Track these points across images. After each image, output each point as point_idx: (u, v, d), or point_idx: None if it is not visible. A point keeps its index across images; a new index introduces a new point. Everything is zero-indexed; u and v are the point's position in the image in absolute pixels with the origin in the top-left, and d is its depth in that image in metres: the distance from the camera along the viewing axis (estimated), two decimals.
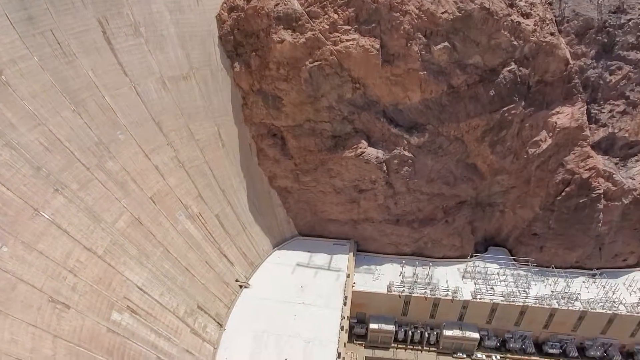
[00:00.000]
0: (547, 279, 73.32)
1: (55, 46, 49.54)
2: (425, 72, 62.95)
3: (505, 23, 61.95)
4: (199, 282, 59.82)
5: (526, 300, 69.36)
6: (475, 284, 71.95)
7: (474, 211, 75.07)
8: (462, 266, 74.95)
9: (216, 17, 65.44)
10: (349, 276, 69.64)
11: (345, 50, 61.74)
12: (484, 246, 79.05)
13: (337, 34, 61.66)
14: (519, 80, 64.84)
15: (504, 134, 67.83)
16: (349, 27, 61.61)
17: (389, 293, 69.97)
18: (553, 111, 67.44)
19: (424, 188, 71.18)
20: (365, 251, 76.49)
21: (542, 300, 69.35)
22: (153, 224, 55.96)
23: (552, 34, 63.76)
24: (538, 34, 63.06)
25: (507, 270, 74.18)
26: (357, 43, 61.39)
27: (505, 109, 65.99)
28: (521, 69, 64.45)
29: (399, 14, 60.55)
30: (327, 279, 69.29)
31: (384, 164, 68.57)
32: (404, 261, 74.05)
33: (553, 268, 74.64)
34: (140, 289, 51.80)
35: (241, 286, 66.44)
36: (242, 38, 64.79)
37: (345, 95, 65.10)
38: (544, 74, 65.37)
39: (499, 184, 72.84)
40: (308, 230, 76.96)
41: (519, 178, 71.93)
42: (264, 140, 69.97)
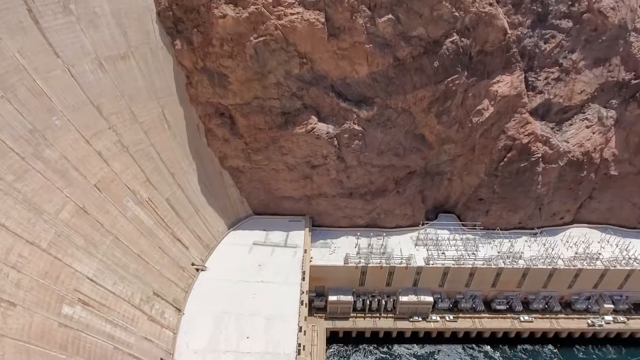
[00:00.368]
0: (493, 240, 77.41)
1: None
2: (371, 45, 63.16)
3: None
4: (154, 268, 58.48)
5: (475, 262, 73.06)
6: (427, 250, 74.83)
7: (423, 180, 77.39)
8: (414, 234, 77.57)
9: None
10: (306, 251, 70.40)
11: (290, 25, 60.69)
12: (434, 213, 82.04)
13: (281, 7, 60.36)
14: (461, 50, 66.45)
15: (449, 104, 69.75)
16: (293, 1, 60.40)
17: (345, 265, 71.51)
18: (494, 80, 69.90)
19: (375, 160, 72.40)
20: (321, 226, 77.40)
21: (490, 261, 73.30)
22: (100, 212, 53.74)
23: (490, 4, 65.42)
24: (477, 4, 64.53)
25: (456, 235, 77.58)
26: (302, 17, 60.46)
27: (449, 79, 67.67)
28: (463, 39, 65.99)
29: None
30: (285, 256, 69.74)
31: (335, 139, 68.94)
32: (358, 233, 75.67)
33: (498, 230, 78.83)
34: (91, 280, 50.00)
35: (198, 269, 65.64)
36: (182, 14, 62.06)
37: (293, 71, 64.35)
38: (484, 44, 67.32)
39: (446, 153, 75.26)
40: (263, 208, 76.67)
41: (464, 146, 74.60)
42: (212, 120, 68.25)
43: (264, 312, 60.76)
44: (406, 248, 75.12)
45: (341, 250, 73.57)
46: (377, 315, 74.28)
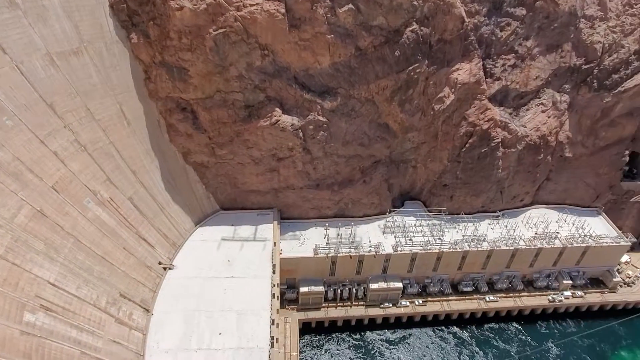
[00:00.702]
0: (458, 225, 79.52)
1: None
2: (332, 36, 63.11)
3: None
4: (119, 269, 56.93)
5: (441, 247, 74.91)
6: (395, 237, 76.11)
7: (389, 169, 78.43)
8: (382, 222, 78.70)
9: None
10: (275, 244, 70.22)
11: (250, 16, 59.80)
12: (400, 201, 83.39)
13: None
14: (421, 39, 67.33)
15: (411, 92, 70.71)
16: None
17: (315, 256, 71.86)
18: (453, 68, 71.30)
19: (341, 151, 72.76)
20: (289, 218, 77.34)
21: (455, 245, 75.34)
22: (59, 214, 51.71)
23: None
24: None
25: (422, 221, 79.18)
26: (262, 8, 59.66)
27: (410, 68, 68.53)
28: (422, 28, 66.86)
29: None
30: (254, 250, 69.33)
31: (300, 131, 68.77)
32: (327, 224, 76.09)
33: (462, 214, 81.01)
34: (53, 285, 48.18)
35: (165, 268, 64.39)
36: (137, 6, 59.96)
37: (255, 63, 63.55)
38: (443, 33, 68.45)
39: (410, 141, 76.44)
40: (230, 203, 75.80)
41: (427, 134, 75.95)
42: (173, 115, 66.66)
43: (235, 307, 60.35)
44: (374, 236, 76.14)
45: (310, 242, 73.83)
46: (349, 303, 75.20)
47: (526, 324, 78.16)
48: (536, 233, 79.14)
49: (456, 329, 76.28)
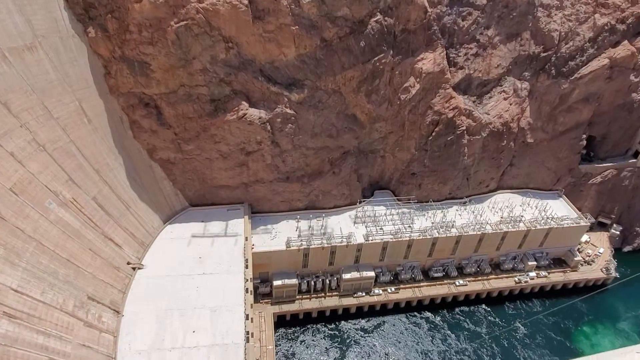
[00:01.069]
0: (427, 212, 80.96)
1: None
2: (297, 27, 62.69)
3: None
4: (85, 271, 55.24)
5: (411, 235, 76.17)
6: (366, 227, 76.87)
7: (357, 159, 78.94)
8: (352, 212, 79.29)
9: None
10: (247, 239, 69.70)
11: (212, 8, 58.66)
12: (370, 191, 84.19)
13: None
14: (385, 30, 67.77)
15: (377, 83, 71.20)
16: None
17: (288, 249, 71.80)
18: (418, 58, 72.20)
19: (309, 143, 72.68)
20: (260, 212, 76.87)
21: (425, 232, 76.76)
22: (19, 217, 49.57)
23: None
24: None
25: (392, 210, 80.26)
26: None
27: (376, 58, 68.94)
28: (386, 18, 67.29)
29: None
30: (226, 246, 68.63)
31: (268, 124, 68.24)
32: (298, 216, 76.06)
33: (431, 202, 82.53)
34: (15, 291, 46.27)
35: (134, 268, 62.94)
36: None
37: (219, 56, 62.50)
38: (407, 23, 69.10)
39: (377, 131, 77.09)
40: (199, 199, 74.62)
41: (394, 123, 76.78)
42: (136, 111, 64.87)
43: (208, 304, 59.70)
44: (346, 227, 76.68)
45: (282, 235, 73.70)
46: (322, 294, 75.61)
47: (494, 305, 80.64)
48: (502, 217, 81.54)
49: (428, 314, 77.97)
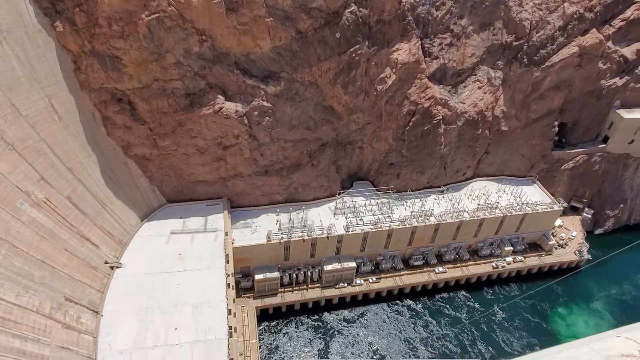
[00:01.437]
0: (405, 202, 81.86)
1: None
2: (272, 19, 62.08)
3: None
4: (62, 272, 53.95)
5: (391, 224, 76.92)
6: (346, 218, 77.25)
7: (336, 151, 79.05)
8: (332, 204, 79.54)
9: None
10: (227, 234, 69.18)
11: (185, 0, 57.50)
12: (349, 182, 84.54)
13: None
14: (360, 21, 67.72)
15: (353, 74, 71.23)
16: None
17: (268, 242, 71.62)
18: (393, 48, 72.46)
19: (287, 135, 72.37)
20: (240, 206, 76.38)
21: (404, 222, 77.61)
22: None
23: None
24: None
25: (372, 200, 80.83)
26: None
27: (352, 49, 68.91)
28: (361, 9, 67.22)
29: None
30: (206, 242, 67.99)
31: (245, 117, 67.62)
32: (278, 209, 75.90)
33: (409, 191, 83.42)
34: None
35: (112, 267, 61.82)
36: None
37: (193, 49, 61.45)
38: (382, 13, 69.18)
39: (355, 122, 77.26)
40: (176, 195, 73.57)
41: (372, 114, 77.06)
42: (109, 107, 63.35)
43: (190, 300, 59.15)
44: (326, 218, 76.89)
45: (263, 229, 73.45)
46: (304, 287, 75.81)
47: (473, 291, 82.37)
48: (479, 204, 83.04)
49: (410, 301, 79.07)
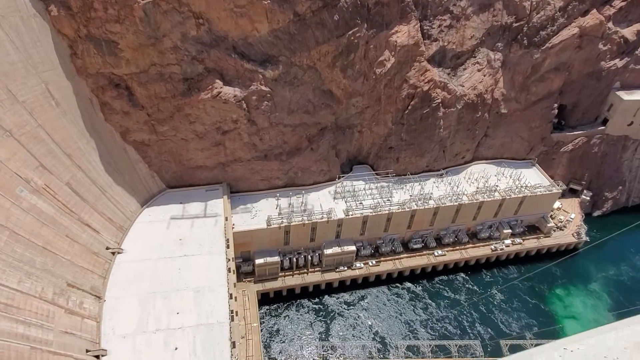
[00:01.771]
0: (405, 185, 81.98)
1: None
2: (269, 1, 61.28)
3: None
4: (63, 258, 54.18)
5: (391, 208, 77.11)
6: (346, 202, 77.41)
7: (335, 135, 78.83)
8: (332, 188, 79.63)
9: None
10: (227, 219, 69.36)
11: None
12: (348, 166, 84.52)
13: None
14: (359, 3, 66.87)
15: (352, 57, 70.62)
16: None
17: (269, 227, 71.86)
18: (392, 31, 71.72)
19: (286, 120, 72.06)
20: (239, 191, 76.44)
21: (404, 205, 77.81)
22: None
23: None
24: None
25: (371, 184, 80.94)
26: None
27: (350, 32, 68.20)
28: None
29: None
30: (206, 227, 68.18)
31: (243, 102, 67.22)
32: (278, 194, 75.99)
33: (409, 175, 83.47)
34: None
35: (114, 253, 62.08)
36: None
37: (190, 33, 60.77)
38: None
39: (354, 106, 76.89)
40: (176, 181, 73.56)
41: (371, 98, 76.66)
42: (107, 92, 62.87)
43: (191, 285, 59.57)
44: (326, 203, 77.04)
45: (263, 213, 73.63)
46: (305, 271, 76.34)
47: (472, 273, 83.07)
48: (477, 188, 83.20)
49: (409, 284, 79.76)
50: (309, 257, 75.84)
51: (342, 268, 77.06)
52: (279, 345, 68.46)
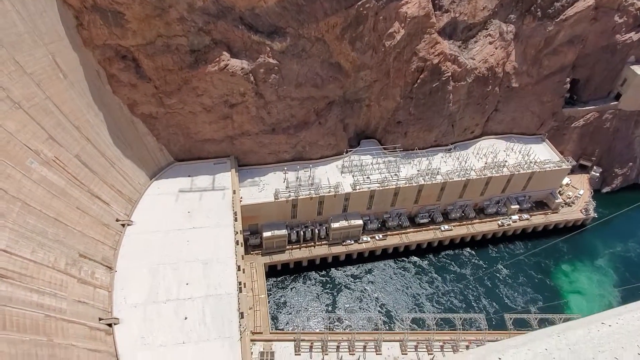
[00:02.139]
0: (412, 160, 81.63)
1: None
2: None
3: None
4: (74, 230, 55.05)
5: (398, 183, 77.05)
6: (353, 176, 77.41)
7: (343, 109, 78.19)
8: (339, 162, 79.53)
9: None
10: (235, 192, 69.77)
11: None
12: (356, 140, 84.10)
13: None
14: None
15: (361, 29, 69.33)
16: None
17: (276, 200, 72.26)
18: (402, 1, 70.04)
19: (294, 93, 71.47)
20: (247, 165, 76.59)
21: (411, 180, 77.67)
22: (0, 177, 48.61)
23: None
24: None
25: (379, 159, 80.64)
26: None
27: (359, 3, 66.76)
28: None
29: None
30: (214, 200, 68.72)
31: (251, 74, 66.62)
32: (285, 168, 76.07)
33: (417, 150, 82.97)
34: (4, 251, 46.08)
35: (123, 225, 62.92)
36: None
37: (196, 4, 59.82)
38: None
39: (362, 80, 75.94)
40: (184, 154, 73.76)
41: (379, 71, 75.58)
42: (114, 64, 62.53)
43: (200, 257, 60.48)
44: (333, 177, 77.10)
45: (270, 187, 73.94)
46: (312, 244, 77.05)
47: (478, 248, 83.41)
48: (486, 163, 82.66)
49: (415, 258, 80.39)
50: (316, 231, 76.43)
51: (349, 242, 77.67)
52: (286, 317, 69.80)
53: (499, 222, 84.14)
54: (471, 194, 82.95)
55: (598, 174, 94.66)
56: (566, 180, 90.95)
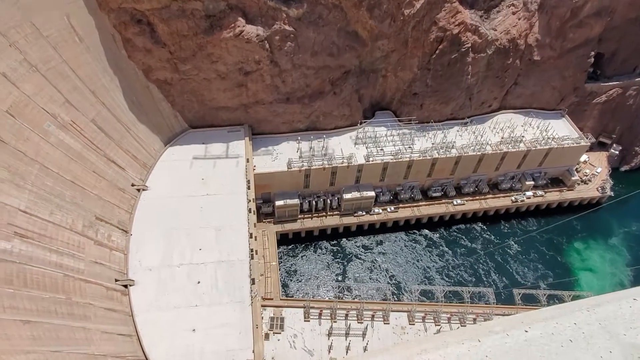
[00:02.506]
0: (427, 133, 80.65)
1: None
2: None
3: None
4: (91, 193, 56.14)
5: (412, 155, 76.48)
6: (366, 148, 76.98)
7: (359, 79, 77.03)
8: (353, 133, 78.96)
9: None
10: (248, 160, 70.08)
11: None
12: (371, 112, 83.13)
13: None
14: None
15: None
16: None
17: (289, 170, 72.47)
18: None
19: (310, 62, 70.47)
20: (261, 134, 76.49)
21: (425, 153, 77.00)
22: (19, 140, 49.39)
23: None
24: None
25: (393, 131, 79.81)
26: None
27: None
28: None
29: None
30: (227, 167, 69.19)
31: (266, 42, 65.70)
32: (299, 137, 75.87)
33: (432, 122, 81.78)
34: (24, 212, 47.33)
35: (139, 189, 63.90)
36: None
37: None
38: None
39: (379, 49, 74.40)
40: (198, 121, 73.88)
41: (397, 41, 73.88)
42: (129, 28, 62.10)
43: (213, 223, 61.43)
44: (347, 148, 76.78)
45: (283, 156, 74.02)
46: (324, 214, 77.57)
47: (490, 223, 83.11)
48: (502, 138, 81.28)
49: (427, 231, 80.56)
50: (328, 201, 76.79)
51: (361, 213, 77.99)
52: (296, 284, 71.10)
53: (513, 198, 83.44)
54: (486, 169, 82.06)
55: (617, 152, 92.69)
56: (584, 158, 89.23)
